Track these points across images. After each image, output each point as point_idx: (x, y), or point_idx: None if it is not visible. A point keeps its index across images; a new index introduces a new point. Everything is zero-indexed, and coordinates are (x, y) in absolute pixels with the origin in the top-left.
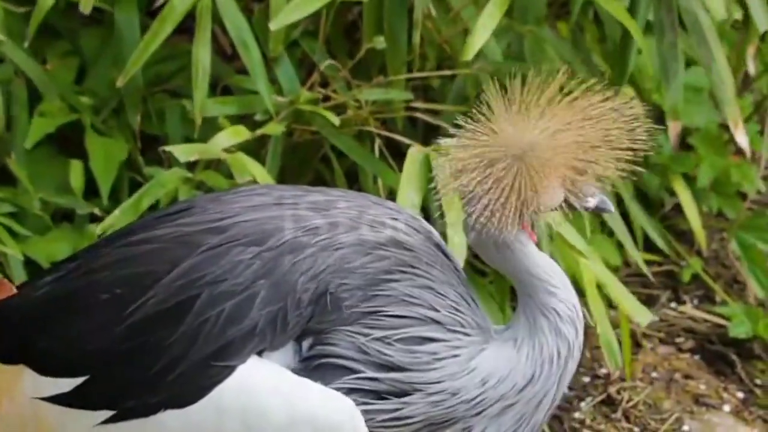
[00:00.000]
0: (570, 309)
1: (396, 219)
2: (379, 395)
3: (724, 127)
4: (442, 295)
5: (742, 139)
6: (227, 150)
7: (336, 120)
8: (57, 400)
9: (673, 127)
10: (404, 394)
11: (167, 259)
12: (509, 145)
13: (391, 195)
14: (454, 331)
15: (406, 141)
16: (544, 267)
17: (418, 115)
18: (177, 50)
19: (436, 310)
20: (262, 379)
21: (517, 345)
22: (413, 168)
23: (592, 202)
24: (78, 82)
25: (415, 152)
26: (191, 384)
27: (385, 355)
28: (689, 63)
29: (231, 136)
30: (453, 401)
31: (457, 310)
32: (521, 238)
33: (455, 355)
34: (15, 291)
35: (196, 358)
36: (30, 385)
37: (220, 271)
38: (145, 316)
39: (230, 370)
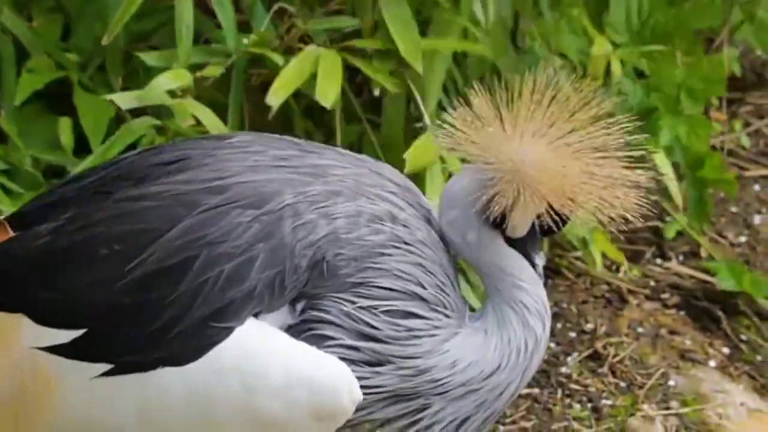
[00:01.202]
0: (537, 303)
1: (393, 192)
2: (354, 363)
3: None
4: (431, 273)
5: None
6: (179, 96)
7: (281, 60)
8: (56, 350)
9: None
10: (378, 364)
11: (165, 218)
12: (501, 159)
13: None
14: (436, 311)
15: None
16: (512, 262)
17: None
18: (158, 6)
19: (423, 288)
20: (261, 342)
21: (487, 335)
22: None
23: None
24: (63, 39)
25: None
26: (190, 343)
27: (370, 324)
28: None
29: (171, 79)
30: (421, 378)
31: (442, 290)
32: (490, 233)
33: (433, 335)
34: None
35: (194, 318)
36: (29, 334)
37: (219, 232)
38: (145, 274)
39: (228, 331)
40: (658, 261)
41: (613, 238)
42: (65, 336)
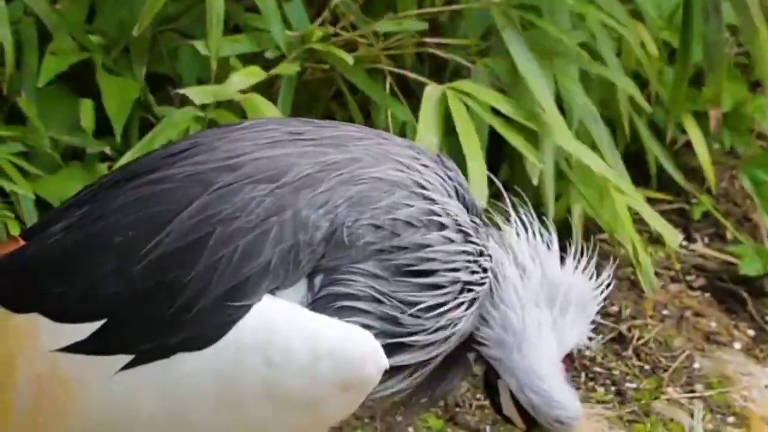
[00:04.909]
0: None
1: (424, 164)
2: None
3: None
4: (469, 255)
5: None
6: (241, 90)
7: (350, 59)
8: (75, 348)
9: (714, 115)
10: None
11: (179, 199)
12: None
13: (403, 133)
14: (456, 297)
15: (419, 78)
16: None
17: (429, 49)
18: None
19: (457, 270)
20: (281, 317)
21: None
22: (430, 108)
23: None
24: (88, 21)
25: (431, 91)
26: (209, 323)
27: (394, 315)
28: None
29: (245, 76)
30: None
31: (474, 273)
32: None
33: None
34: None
35: (212, 297)
36: (46, 335)
37: (233, 208)
38: (160, 256)
39: (246, 309)
40: (684, 243)
41: (638, 219)
42: (84, 331)
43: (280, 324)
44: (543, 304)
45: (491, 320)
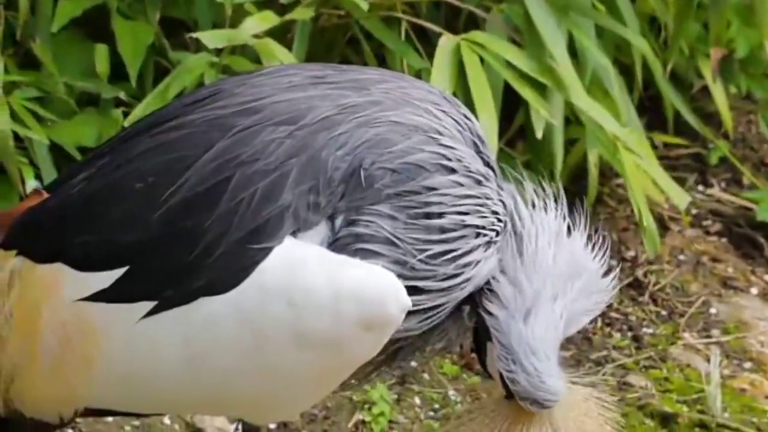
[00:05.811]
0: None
1: (443, 110)
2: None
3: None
4: (478, 198)
5: None
6: (256, 36)
7: (364, 4)
8: (98, 297)
9: (714, 55)
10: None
11: (199, 143)
12: None
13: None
14: (468, 242)
15: (435, 28)
16: None
17: None
18: None
19: (466, 215)
20: (302, 258)
21: None
22: (444, 58)
23: None
24: None
25: (445, 42)
26: (230, 267)
27: (406, 259)
28: None
29: (259, 21)
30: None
31: (484, 217)
32: None
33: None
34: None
35: (232, 241)
36: (70, 286)
37: (252, 151)
38: (180, 201)
39: (267, 251)
40: (700, 188)
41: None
42: (107, 279)
43: (301, 265)
44: (565, 278)
45: (510, 278)
